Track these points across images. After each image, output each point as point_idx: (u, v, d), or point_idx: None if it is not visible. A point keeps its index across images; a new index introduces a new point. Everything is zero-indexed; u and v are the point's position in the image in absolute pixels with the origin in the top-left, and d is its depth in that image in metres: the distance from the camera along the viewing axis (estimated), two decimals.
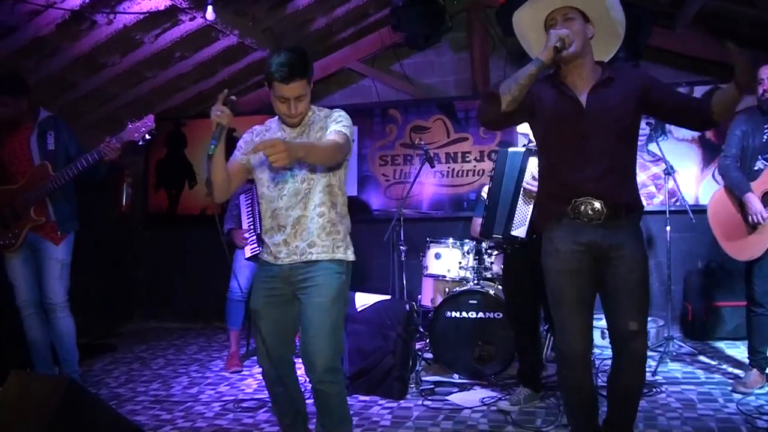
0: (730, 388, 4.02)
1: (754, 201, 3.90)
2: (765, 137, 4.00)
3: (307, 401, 3.15)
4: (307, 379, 2.86)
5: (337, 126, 2.83)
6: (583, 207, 2.72)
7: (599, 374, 4.26)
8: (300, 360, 2.87)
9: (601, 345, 5.19)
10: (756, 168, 4.01)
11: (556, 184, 2.82)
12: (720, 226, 4.16)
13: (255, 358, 5.41)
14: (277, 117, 2.96)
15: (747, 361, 4.14)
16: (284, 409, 3.03)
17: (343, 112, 2.93)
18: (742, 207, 4.01)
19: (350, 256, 2.94)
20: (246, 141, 3.02)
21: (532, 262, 3.33)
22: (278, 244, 2.87)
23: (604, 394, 3.26)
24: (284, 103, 2.79)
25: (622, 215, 2.74)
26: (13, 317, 4.16)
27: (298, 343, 3.00)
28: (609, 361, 3.64)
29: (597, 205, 2.70)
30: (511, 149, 3.99)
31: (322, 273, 2.84)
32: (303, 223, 2.85)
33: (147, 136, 3.87)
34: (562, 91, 2.79)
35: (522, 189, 3.82)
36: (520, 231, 3.80)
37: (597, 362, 4.46)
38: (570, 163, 2.75)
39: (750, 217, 3.91)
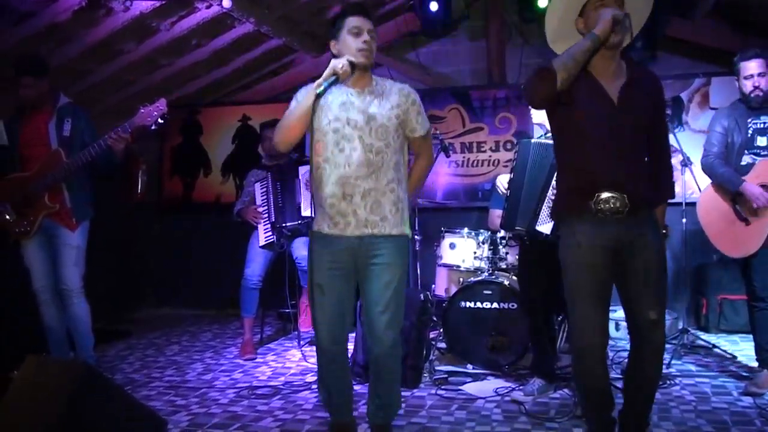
0: (741, 391, 3.92)
1: (752, 187, 3.81)
2: (750, 132, 3.93)
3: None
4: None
5: (421, 127, 3.00)
6: (605, 201, 2.70)
7: (613, 366, 4.26)
8: None
9: (616, 337, 5.18)
10: (743, 163, 3.94)
11: (579, 177, 2.79)
12: (712, 225, 4.08)
13: (269, 345, 5.46)
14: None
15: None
16: (336, 388, 3.03)
17: (417, 96, 3.01)
18: (734, 202, 3.94)
19: (410, 233, 3.00)
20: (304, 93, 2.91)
21: (548, 253, 3.32)
22: (346, 215, 2.81)
23: (619, 386, 3.27)
24: (359, 35, 2.82)
25: (644, 209, 2.75)
26: (30, 303, 4.19)
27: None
28: (623, 353, 3.61)
29: (620, 199, 2.69)
30: (535, 140, 3.91)
31: (392, 249, 2.86)
32: (374, 196, 2.82)
33: (159, 121, 3.85)
34: (593, 84, 2.76)
35: (552, 184, 3.70)
36: (545, 227, 3.69)
37: (611, 354, 4.45)
38: (595, 157, 2.73)
39: (754, 203, 3.80)
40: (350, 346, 3.64)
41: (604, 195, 2.70)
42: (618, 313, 4.71)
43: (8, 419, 2.73)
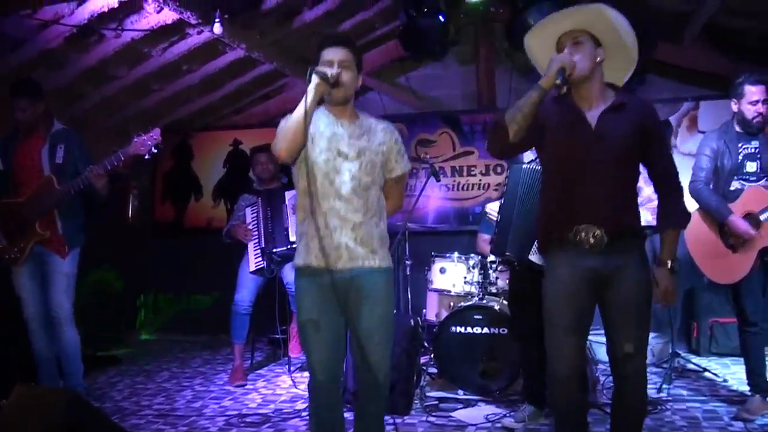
0: (732, 416, 3.90)
1: (738, 222, 3.81)
2: (741, 157, 3.90)
3: None
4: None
5: (401, 166, 2.98)
6: (584, 234, 2.69)
7: (604, 391, 4.25)
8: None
9: (606, 361, 5.16)
10: (732, 188, 3.92)
11: (558, 208, 2.80)
12: (699, 251, 4.07)
13: (259, 371, 5.43)
14: (323, 107, 2.92)
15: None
16: (329, 428, 2.94)
17: (399, 135, 3.00)
18: (721, 229, 3.93)
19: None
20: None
21: (538, 278, 3.31)
22: (338, 247, 2.78)
23: (608, 411, 3.26)
24: (330, 68, 2.79)
25: (624, 241, 2.73)
26: (21, 330, 4.16)
27: None
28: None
29: (598, 232, 2.68)
30: (526, 165, 3.91)
31: (383, 282, 2.85)
32: (364, 229, 2.81)
33: (153, 150, 3.87)
34: (570, 110, 2.78)
35: None
36: (539, 258, 3.62)
37: (602, 378, 4.44)
38: (573, 187, 2.74)
39: (739, 238, 3.82)
40: None
41: (582, 227, 2.70)
42: None
43: None
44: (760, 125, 3.87)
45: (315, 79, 2.70)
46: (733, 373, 4.87)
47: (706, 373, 4.85)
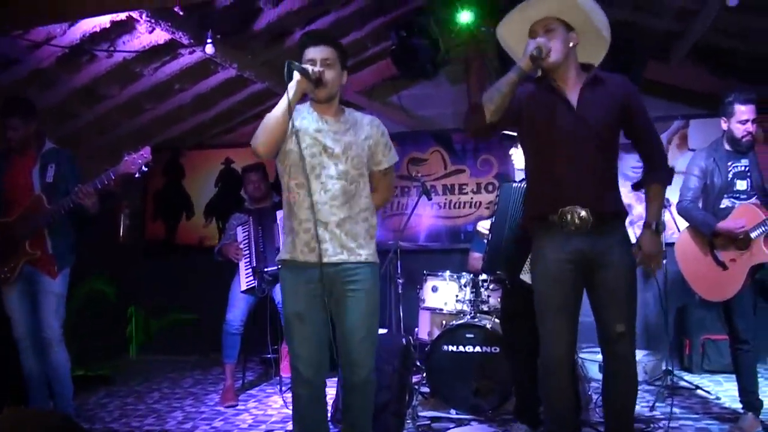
0: None
1: (727, 223, 3.82)
2: (731, 175, 3.92)
3: None
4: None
5: (387, 159, 3.02)
6: (569, 216, 2.77)
7: (597, 409, 4.24)
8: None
9: (599, 378, 5.16)
10: (723, 206, 3.93)
11: (542, 191, 2.87)
12: (690, 269, 4.10)
13: (250, 391, 5.40)
14: (308, 103, 2.95)
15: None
16: (314, 428, 2.95)
17: (385, 128, 3.04)
18: (712, 247, 3.95)
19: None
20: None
21: (530, 296, 3.31)
22: (323, 241, 2.78)
23: (601, 430, 3.25)
24: (313, 66, 2.81)
25: (608, 222, 2.80)
26: (11, 350, 4.12)
27: None
28: None
29: (583, 213, 2.75)
30: (516, 184, 3.90)
31: (369, 276, 2.87)
32: (350, 223, 2.83)
33: (144, 168, 3.86)
34: (551, 91, 2.85)
35: None
36: (530, 277, 3.57)
37: (594, 397, 4.43)
38: (557, 167, 2.81)
39: (734, 233, 3.81)
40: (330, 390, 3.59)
41: (567, 209, 2.76)
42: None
43: None
44: (749, 144, 3.89)
45: (296, 76, 2.73)
46: (725, 391, 4.87)
47: (699, 391, 4.85)
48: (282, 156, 2.88)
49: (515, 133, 3.19)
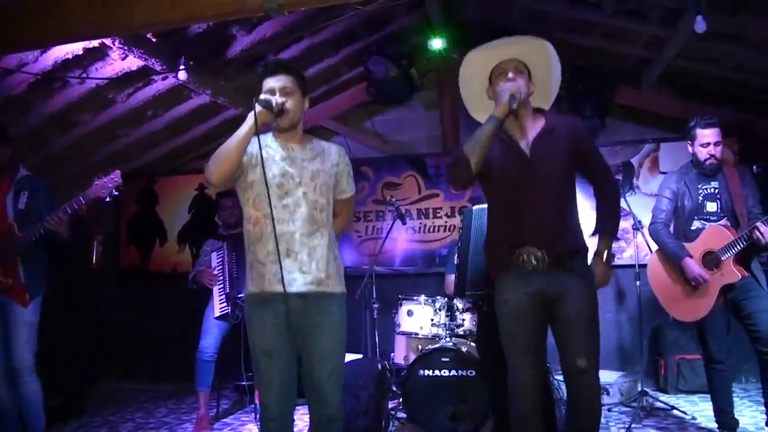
0: None
1: (692, 266, 3.89)
2: (701, 197, 3.99)
3: None
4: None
5: (350, 188, 3.05)
6: (525, 256, 2.82)
7: None
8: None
9: None
10: (693, 228, 4.00)
11: (501, 234, 2.94)
12: (661, 290, 4.16)
13: (225, 420, 5.33)
14: (270, 134, 2.95)
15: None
16: None
17: (348, 159, 3.05)
18: (681, 269, 3.99)
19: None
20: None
21: None
22: (291, 271, 2.74)
23: None
24: (273, 96, 2.82)
25: (565, 261, 2.84)
26: None
27: None
28: None
29: (539, 253, 2.81)
30: (477, 207, 3.97)
31: (336, 307, 2.84)
32: (319, 252, 2.80)
33: (114, 192, 3.83)
34: (504, 141, 2.92)
35: None
36: None
37: None
38: (513, 213, 2.87)
39: (692, 282, 3.91)
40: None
41: (524, 250, 2.82)
42: None
43: None
44: (713, 167, 3.96)
45: (257, 107, 2.73)
46: (701, 411, 4.89)
47: (675, 411, 4.87)
48: (244, 186, 2.87)
49: None
